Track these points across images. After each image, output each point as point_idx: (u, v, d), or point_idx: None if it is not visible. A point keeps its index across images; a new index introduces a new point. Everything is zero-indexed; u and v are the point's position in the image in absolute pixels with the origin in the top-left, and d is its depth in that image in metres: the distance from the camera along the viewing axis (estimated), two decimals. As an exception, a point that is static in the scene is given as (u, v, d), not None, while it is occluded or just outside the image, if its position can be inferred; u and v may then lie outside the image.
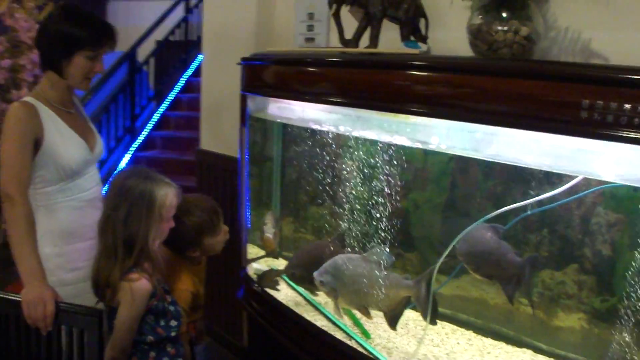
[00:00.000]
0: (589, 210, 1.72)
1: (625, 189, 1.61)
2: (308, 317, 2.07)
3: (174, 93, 6.90)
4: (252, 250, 2.51)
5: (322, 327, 2.00)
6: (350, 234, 2.05)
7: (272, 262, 2.53)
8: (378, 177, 1.93)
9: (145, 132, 6.45)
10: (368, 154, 1.95)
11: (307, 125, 2.17)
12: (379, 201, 1.92)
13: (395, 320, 1.85)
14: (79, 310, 1.73)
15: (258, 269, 2.44)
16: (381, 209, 1.91)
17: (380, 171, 1.91)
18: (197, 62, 7.16)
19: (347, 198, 2.07)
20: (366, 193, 2.00)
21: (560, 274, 1.81)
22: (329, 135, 2.13)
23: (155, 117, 6.64)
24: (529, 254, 1.80)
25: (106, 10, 8.21)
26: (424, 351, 1.87)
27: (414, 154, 1.96)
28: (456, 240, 1.73)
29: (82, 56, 1.92)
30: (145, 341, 1.78)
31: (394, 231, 1.90)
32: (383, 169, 1.90)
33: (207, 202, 2.02)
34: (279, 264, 2.50)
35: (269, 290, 2.28)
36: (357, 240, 2.02)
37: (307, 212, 2.58)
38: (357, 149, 1.98)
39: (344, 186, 2.09)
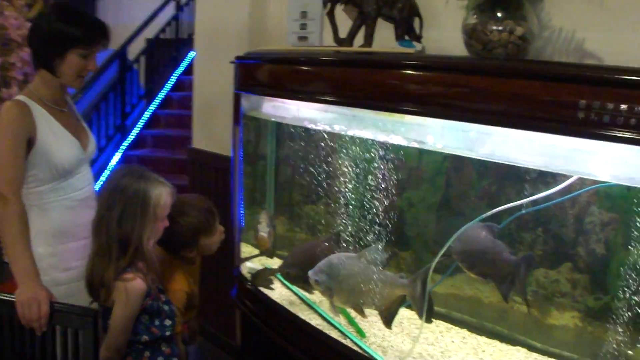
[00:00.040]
0: (582, 210, 1.73)
1: (619, 189, 1.62)
2: (302, 316, 2.07)
3: (164, 91, 6.86)
4: (245, 249, 2.51)
5: (316, 326, 2.00)
6: (345, 233, 2.06)
7: (266, 261, 2.52)
8: (373, 176, 1.93)
9: (135, 131, 6.41)
10: (363, 153, 1.95)
11: (302, 124, 2.16)
12: (373, 200, 1.92)
13: (391, 319, 1.85)
14: (73, 310, 1.72)
15: (252, 267, 2.43)
16: (376, 208, 1.92)
17: (374, 170, 1.92)
18: (187, 61, 7.12)
19: (341, 197, 2.07)
20: (361, 192, 2.00)
21: (554, 273, 1.82)
22: (323, 134, 2.13)
23: (146, 115, 6.60)
24: (523, 253, 1.81)
25: (96, 8, 8.15)
26: (419, 349, 1.87)
27: (408, 153, 1.96)
28: (452, 239, 1.74)
29: (75, 54, 1.91)
30: (140, 341, 1.78)
31: (388, 230, 1.90)
32: (377, 168, 1.90)
33: (203, 203, 2.02)
34: (273, 262, 2.50)
35: (263, 289, 2.28)
36: (352, 239, 2.02)
37: (301, 211, 2.58)
38: (352, 148, 1.98)
39: (338, 185, 2.09)
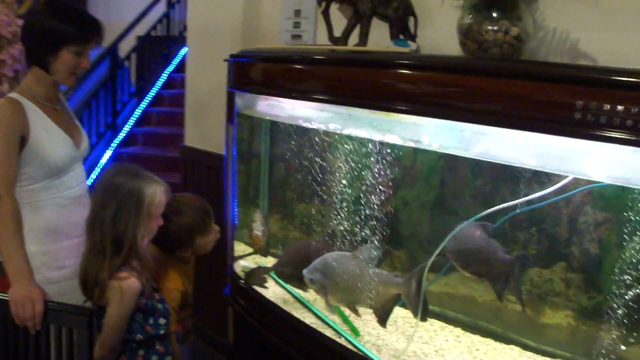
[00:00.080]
0: (577, 210, 1.74)
1: (613, 189, 1.63)
2: (297, 315, 2.07)
3: (155, 89, 6.86)
4: (238, 248, 2.50)
5: (311, 325, 2.00)
6: (340, 231, 2.06)
7: (260, 260, 2.52)
8: (368, 175, 1.93)
9: (126, 128, 6.40)
10: (358, 152, 1.96)
11: (296, 122, 2.16)
12: (368, 199, 1.92)
13: (385, 317, 1.86)
14: (68, 309, 1.71)
15: (245, 266, 2.43)
16: (371, 207, 1.92)
17: (370, 169, 1.92)
18: (179, 58, 7.12)
19: (336, 196, 2.07)
20: (356, 191, 2.00)
21: (548, 272, 1.83)
22: (318, 133, 2.12)
23: (137, 113, 6.59)
24: (517, 252, 1.82)
25: (86, 4, 8.10)
26: (413, 348, 1.88)
27: (403, 152, 1.97)
28: (448, 238, 1.74)
29: (69, 51, 1.90)
30: (134, 340, 1.77)
31: (383, 229, 1.90)
32: (373, 167, 1.90)
33: (199, 202, 2.01)
34: (267, 261, 2.50)
35: (256, 288, 2.27)
36: (347, 238, 2.03)
37: (296, 210, 2.57)
38: (347, 147, 1.98)
39: (333, 184, 2.09)
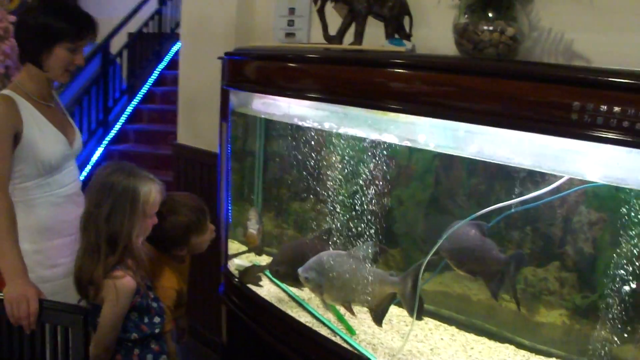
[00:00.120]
0: (571, 209, 1.76)
1: (607, 189, 1.64)
2: (292, 314, 2.07)
3: (147, 86, 6.82)
4: (232, 246, 2.50)
5: (306, 324, 2.01)
6: (335, 230, 2.06)
7: (254, 258, 2.52)
8: (363, 174, 1.93)
9: (118, 126, 6.37)
10: (354, 151, 1.96)
11: (292, 121, 2.16)
12: (363, 198, 1.93)
13: (381, 316, 1.86)
14: (63, 308, 1.70)
15: (240, 265, 2.43)
16: (366, 206, 1.92)
17: (365, 168, 1.92)
18: (170, 55, 7.09)
19: (332, 195, 2.07)
20: (351, 190, 2.00)
21: (542, 271, 1.84)
22: (314, 132, 2.12)
23: (129, 110, 6.56)
24: (512, 251, 1.83)
25: (77, 1, 8.03)
26: (408, 346, 1.88)
27: (398, 151, 1.97)
28: (444, 237, 1.75)
29: (63, 48, 1.89)
30: (129, 339, 1.77)
31: (378, 228, 1.91)
32: (368, 166, 1.90)
33: (195, 201, 2.01)
34: (261, 259, 2.50)
35: (251, 286, 2.27)
36: (342, 236, 2.03)
37: (291, 208, 2.57)
38: (343, 145, 1.98)
39: (329, 183, 2.09)
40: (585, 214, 1.73)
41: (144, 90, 6.77)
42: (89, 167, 5.71)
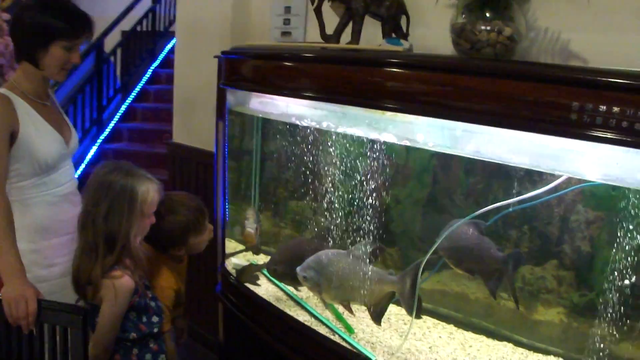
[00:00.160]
0: (569, 208, 1.76)
1: (604, 188, 1.65)
2: (290, 312, 2.07)
3: (141, 84, 6.81)
4: (229, 245, 2.50)
5: (304, 322, 2.01)
6: (333, 229, 2.06)
7: (252, 257, 2.52)
8: (361, 173, 1.93)
9: (112, 124, 6.35)
10: (351, 150, 1.96)
11: (289, 120, 2.16)
12: (362, 197, 1.93)
13: (380, 315, 1.87)
14: (62, 308, 1.69)
15: (237, 264, 2.43)
16: (364, 205, 1.92)
17: (363, 167, 1.92)
18: (164, 53, 7.09)
19: (330, 194, 2.07)
20: (349, 189, 2.01)
21: (540, 270, 1.85)
22: (311, 131, 2.12)
23: (122, 108, 6.54)
24: (510, 250, 1.83)
25: (71, -2, 8.00)
26: (407, 345, 1.89)
27: (396, 150, 1.97)
28: (443, 236, 1.76)
29: (59, 46, 1.89)
30: (128, 338, 1.77)
31: (376, 227, 1.91)
32: (366, 164, 1.90)
33: (193, 201, 2.01)
34: (258, 259, 2.50)
35: (249, 285, 2.27)
36: (340, 235, 2.03)
37: (288, 207, 2.57)
38: (340, 144, 1.98)
39: (327, 182, 2.09)
40: (583, 213, 1.74)
41: (137, 88, 6.75)
42: (82, 166, 5.69)
